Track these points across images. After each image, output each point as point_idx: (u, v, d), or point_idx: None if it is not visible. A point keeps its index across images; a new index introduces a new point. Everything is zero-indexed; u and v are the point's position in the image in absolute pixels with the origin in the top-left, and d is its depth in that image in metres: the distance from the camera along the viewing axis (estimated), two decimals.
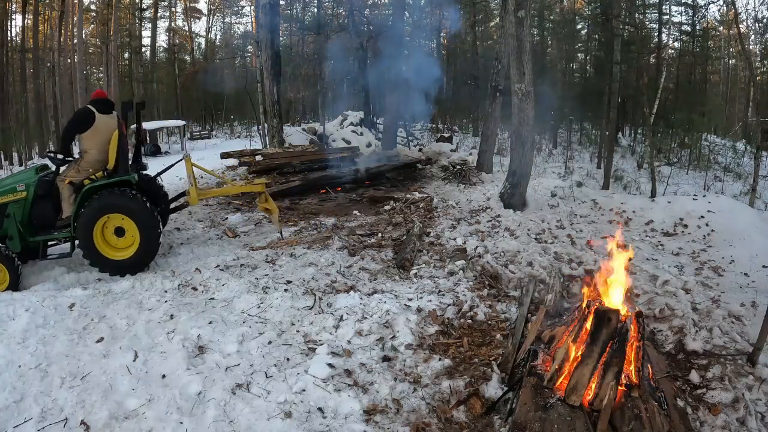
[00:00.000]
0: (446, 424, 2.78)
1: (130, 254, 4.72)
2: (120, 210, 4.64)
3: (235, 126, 28.10)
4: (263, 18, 11.41)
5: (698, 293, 4.25)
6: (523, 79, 6.64)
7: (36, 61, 23.08)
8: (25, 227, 4.73)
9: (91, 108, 4.80)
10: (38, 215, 4.80)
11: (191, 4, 33.11)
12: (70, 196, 4.79)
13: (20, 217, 4.70)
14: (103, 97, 4.97)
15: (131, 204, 4.64)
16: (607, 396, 2.56)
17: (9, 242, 4.68)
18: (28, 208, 4.75)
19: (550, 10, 21.49)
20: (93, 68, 31.41)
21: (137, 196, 4.69)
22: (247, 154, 10.09)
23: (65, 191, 4.80)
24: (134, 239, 4.71)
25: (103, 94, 5.04)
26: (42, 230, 4.83)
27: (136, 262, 4.74)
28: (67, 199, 4.79)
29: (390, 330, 3.64)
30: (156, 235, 4.78)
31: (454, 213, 6.86)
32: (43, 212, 4.82)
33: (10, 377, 3.10)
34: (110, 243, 4.74)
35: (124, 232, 4.73)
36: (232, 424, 2.72)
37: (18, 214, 4.69)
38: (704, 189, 9.79)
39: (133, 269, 4.74)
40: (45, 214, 4.82)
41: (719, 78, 23.78)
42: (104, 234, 4.72)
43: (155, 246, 4.83)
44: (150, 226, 4.72)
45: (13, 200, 4.70)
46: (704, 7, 18.39)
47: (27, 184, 4.77)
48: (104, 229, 4.71)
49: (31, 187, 4.76)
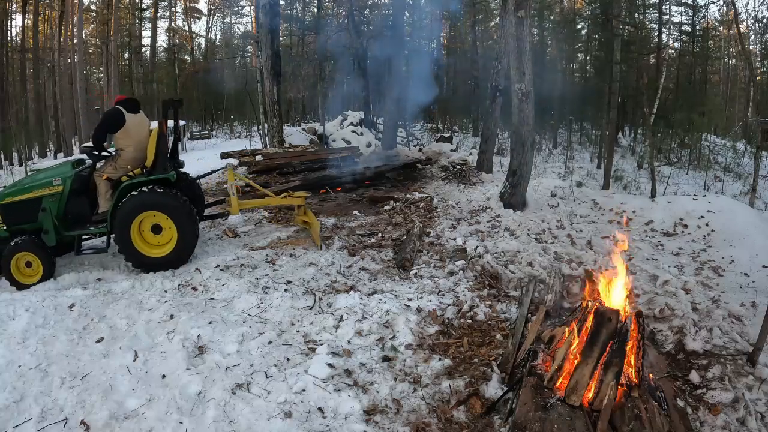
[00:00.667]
0: (446, 424, 2.78)
1: (166, 252, 4.74)
2: (159, 208, 4.66)
3: (235, 126, 28.10)
4: (263, 18, 11.42)
5: (698, 293, 4.24)
6: (523, 79, 6.64)
7: (36, 61, 23.09)
8: (60, 221, 4.77)
9: (121, 108, 4.84)
10: (74, 210, 4.84)
11: (191, 4, 33.12)
12: (107, 192, 4.83)
13: (56, 211, 4.75)
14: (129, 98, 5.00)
15: (170, 202, 4.66)
16: (607, 396, 2.56)
17: (44, 236, 4.73)
18: (63, 203, 4.79)
19: (550, 10, 21.48)
20: (93, 68, 31.43)
21: (176, 195, 4.72)
22: (247, 154, 10.09)
23: (102, 187, 4.84)
24: (171, 237, 4.73)
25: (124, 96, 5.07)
26: (77, 225, 4.87)
27: (172, 259, 4.75)
28: (104, 195, 4.83)
29: (390, 330, 3.64)
30: (194, 234, 4.80)
31: (454, 213, 6.86)
32: (78, 207, 4.86)
33: (10, 377, 3.10)
34: (147, 240, 4.75)
35: (162, 230, 4.74)
36: (232, 424, 2.72)
37: (53, 208, 4.73)
38: (704, 189, 9.78)
39: (168, 267, 4.74)
40: (80, 208, 4.87)
41: (719, 78, 23.78)
42: (141, 231, 4.74)
43: (193, 244, 4.84)
44: (188, 225, 4.74)
45: (49, 194, 4.74)
46: (704, 7, 18.40)
47: (63, 178, 4.80)
48: (141, 225, 4.73)
49: (67, 182, 4.79)
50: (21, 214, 4.75)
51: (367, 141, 13.73)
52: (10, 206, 4.79)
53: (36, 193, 4.74)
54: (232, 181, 5.48)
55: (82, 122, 21.93)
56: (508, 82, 7.57)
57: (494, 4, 22.18)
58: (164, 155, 4.86)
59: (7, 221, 4.82)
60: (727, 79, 24.00)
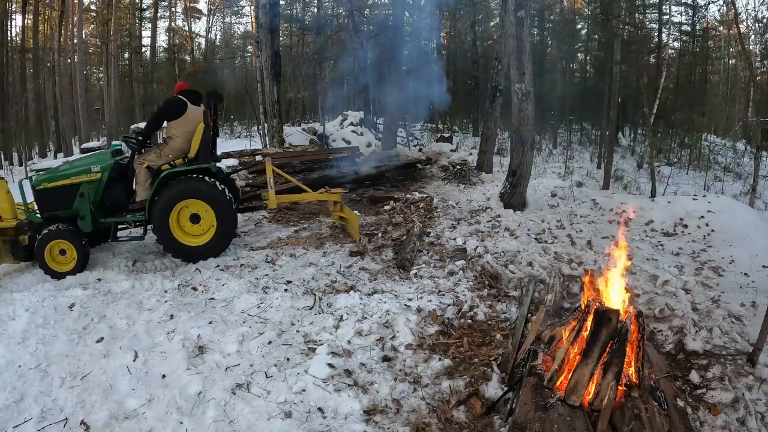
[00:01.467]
0: (446, 424, 2.78)
1: (204, 241, 4.78)
2: (200, 197, 4.70)
3: (235, 126, 28.09)
4: (263, 18, 11.42)
5: (698, 293, 4.24)
6: (523, 79, 6.64)
7: (36, 61, 23.10)
8: (97, 208, 4.80)
9: (183, 98, 4.87)
10: (111, 197, 4.88)
11: (191, 4, 33.09)
12: (146, 181, 4.84)
13: (93, 197, 4.77)
14: (191, 89, 5.02)
15: (212, 191, 4.70)
16: (607, 396, 2.56)
17: (81, 222, 4.75)
18: (101, 190, 4.81)
19: (550, 10, 21.49)
20: (93, 68, 31.43)
21: (217, 184, 4.75)
22: (247, 154, 10.10)
23: (142, 175, 4.84)
24: (211, 226, 4.77)
25: (186, 86, 5.06)
26: (114, 212, 4.90)
27: (209, 248, 4.79)
28: (143, 183, 4.84)
29: (390, 330, 3.64)
30: (233, 224, 4.85)
31: (454, 213, 6.86)
32: (116, 195, 4.90)
33: (10, 377, 3.11)
34: (185, 229, 4.79)
35: (200, 219, 4.77)
36: (232, 424, 2.72)
37: (91, 195, 4.76)
38: (704, 189, 9.79)
39: (206, 256, 4.79)
40: (118, 196, 4.91)
41: (719, 78, 23.75)
42: (179, 220, 4.76)
43: (231, 235, 4.90)
44: (227, 214, 4.80)
45: (87, 180, 4.77)
46: (704, 7, 18.40)
47: (102, 166, 4.82)
48: (180, 215, 4.76)
49: (106, 169, 4.82)
50: (57, 200, 4.75)
51: (367, 141, 13.73)
52: (45, 192, 4.77)
53: (74, 179, 4.75)
54: (270, 175, 5.54)
55: (82, 122, 21.95)
56: (508, 82, 7.57)
57: (494, 4, 22.19)
58: (207, 146, 4.90)
59: (42, 207, 4.82)
60: (727, 79, 23.98)
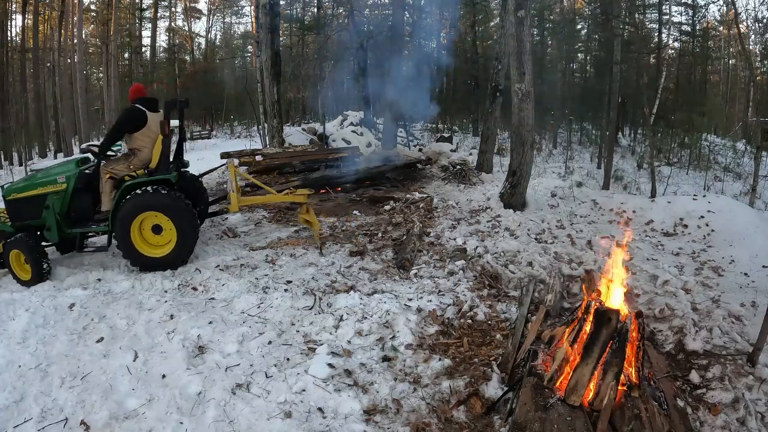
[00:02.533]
0: (446, 424, 2.78)
1: (166, 252, 4.74)
2: (159, 208, 4.66)
3: (235, 126, 28.09)
4: (263, 18, 11.41)
5: (698, 293, 4.24)
6: (523, 79, 6.64)
7: (36, 61, 23.10)
8: (63, 219, 4.80)
9: (142, 108, 4.83)
10: (77, 208, 4.87)
11: (191, 4, 33.13)
12: (111, 191, 4.83)
13: (59, 208, 4.78)
14: (147, 95, 4.98)
15: (170, 203, 4.66)
16: (607, 396, 2.56)
17: (47, 233, 4.79)
18: (67, 200, 4.81)
19: (550, 10, 21.50)
20: (93, 68, 31.45)
21: (177, 196, 4.70)
22: (247, 154, 10.08)
23: (106, 186, 4.84)
24: (171, 238, 4.73)
25: (143, 91, 5.02)
26: (80, 222, 4.89)
27: (171, 260, 4.75)
28: (108, 194, 4.84)
29: (390, 330, 3.64)
30: (193, 236, 4.78)
31: (454, 213, 6.86)
32: (81, 205, 4.88)
33: (10, 377, 3.11)
34: (147, 240, 4.77)
35: (162, 230, 4.75)
36: (232, 424, 2.72)
37: (57, 206, 4.76)
38: (704, 189, 9.80)
39: (167, 267, 4.74)
40: (83, 206, 4.89)
41: (719, 78, 23.77)
42: (142, 230, 4.75)
43: (191, 247, 4.83)
44: (188, 226, 4.73)
45: (54, 191, 4.77)
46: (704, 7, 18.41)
47: (68, 176, 4.83)
48: (142, 225, 4.74)
49: (71, 180, 4.82)
50: (26, 210, 4.78)
51: (367, 141, 13.71)
52: (15, 202, 4.81)
53: (41, 190, 4.77)
54: (233, 178, 5.43)
55: (82, 122, 21.95)
56: (508, 82, 7.57)
57: (494, 4, 22.19)
58: (167, 156, 4.86)
59: (13, 217, 4.86)
60: (727, 79, 23.99)
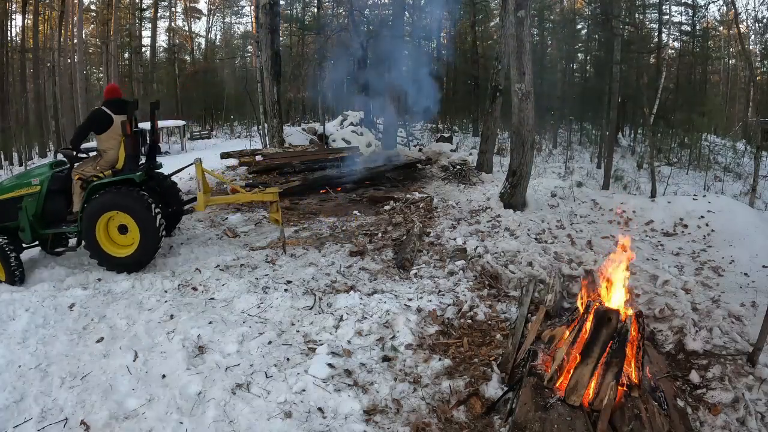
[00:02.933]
0: (446, 424, 2.78)
1: (130, 252, 4.75)
2: (121, 208, 4.67)
3: (235, 126, 28.10)
4: (263, 18, 11.41)
5: (698, 293, 4.24)
6: (523, 79, 6.64)
7: (36, 61, 23.11)
8: (38, 220, 4.87)
9: (107, 111, 4.87)
10: (50, 209, 4.93)
11: (191, 4, 33.11)
12: (81, 192, 4.87)
13: (33, 210, 4.85)
14: (118, 97, 5.01)
15: (132, 203, 4.67)
16: (607, 396, 2.56)
17: (21, 234, 4.85)
18: (41, 202, 4.88)
19: (550, 10, 21.50)
20: (93, 68, 31.43)
21: (139, 195, 4.71)
22: (247, 154, 10.08)
23: (76, 187, 4.89)
24: (135, 238, 4.74)
25: (117, 93, 5.05)
26: (53, 224, 4.96)
27: (135, 260, 4.76)
28: (78, 195, 4.88)
29: (390, 330, 3.64)
30: (155, 236, 4.77)
31: (454, 213, 6.86)
32: (55, 206, 4.95)
33: (10, 377, 3.10)
34: (114, 240, 4.80)
35: (127, 230, 4.77)
36: (232, 424, 2.73)
37: (31, 207, 4.83)
38: (704, 189, 9.80)
39: (132, 267, 4.76)
40: (57, 208, 4.96)
41: (719, 78, 23.77)
42: (109, 230, 4.77)
43: (154, 246, 4.82)
44: (149, 226, 4.72)
45: (29, 193, 4.84)
46: (704, 7, 18.41)
47: (41, 179, 4.91)
48: (109, 225, 4.76)
49: (45, 182, 4.89)
50: (3, 213, 4.85)
51: (367, 141, 13.70)
52: None
53: (17, 192, 4.84)
54: (200, 177, 5.31)
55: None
56: (508, 82, 7.57)
57: (494, 4, 22.19)
58: (131, 156, 4.91)
59: None
60: (727, 79, 23.99)
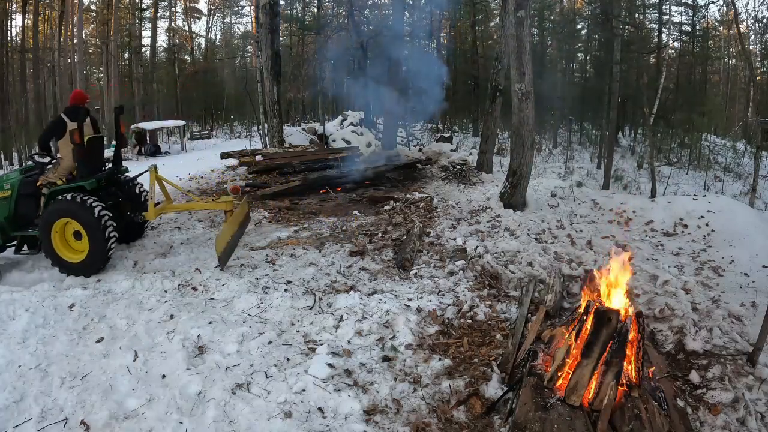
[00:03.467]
0: (446, 424, 2.78)
1: (82, 258, 4.80)
2: (70, 215, 4.73)
3: (235, 126, 28.11)
4: (263, 18, 11.42)
5: (698, 293, 4.24)
6: (523, 79, 6.64)
7: (36, 61, 23.11)
8: (9, 223, 5.08)
9: (64, 118, 4.99)
10: (20, 213, 5.12)
11: (191, 4, 33.12)
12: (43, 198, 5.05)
13: (6, 213, 5.05)
14: (79, 104, 5.10)
15: (78, 210, 4.69)
16: (607, 396, 2.56)
17: None
18: (12, 205, 5.07)
19: (550, 10, 21.50)
20: (93, 68, 31.40)
21: (84, 203, 4.69)
22: (247, 154, 10.10)
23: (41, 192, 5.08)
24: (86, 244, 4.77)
25: (78, 99, 5.14)
26: (22, 227, 5.13)
27: (85, 265, 4.77)
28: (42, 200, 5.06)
29: (390, 330, 3.64)
30: (103, 242, 4.73)
31: (454, 213, 6.85)
32: (24, 210, 5.13)
33: (10, 377, 3.11)
34: (70, 245, 4.90)
35: (81, 236, 4.81)
36: (232, 424, 2.73)
37: (3, 210, 5.03)
38: (704, 189, 9.80)
39: (84, 272, 4.78)
40: (26, 211, 5.14)
41: (719, 78, 23.77)
42: (66, 236, 4.88)
43: (102, 252, 4.78)
44: (96, 233, 4.70)
45: (2, 197, 5.05)
46: (704, 7, 18.41)
47: (12, 183, 5.11)
48: (66, 231, 4.86)
49: (15, 186, 5.10)
50: None
51: (367, 141, 13.71)
52: None
53: None
54: (153, 184, 5.24)
55: None
56: (508, 82, 7.57)
57: (494, 4, 22.19)
58: (82, 163, 5.00)
59: None
60: (727, 79, 23.98)
